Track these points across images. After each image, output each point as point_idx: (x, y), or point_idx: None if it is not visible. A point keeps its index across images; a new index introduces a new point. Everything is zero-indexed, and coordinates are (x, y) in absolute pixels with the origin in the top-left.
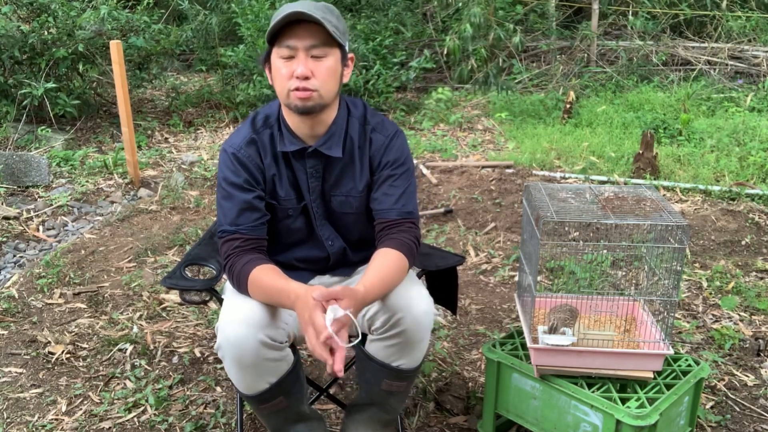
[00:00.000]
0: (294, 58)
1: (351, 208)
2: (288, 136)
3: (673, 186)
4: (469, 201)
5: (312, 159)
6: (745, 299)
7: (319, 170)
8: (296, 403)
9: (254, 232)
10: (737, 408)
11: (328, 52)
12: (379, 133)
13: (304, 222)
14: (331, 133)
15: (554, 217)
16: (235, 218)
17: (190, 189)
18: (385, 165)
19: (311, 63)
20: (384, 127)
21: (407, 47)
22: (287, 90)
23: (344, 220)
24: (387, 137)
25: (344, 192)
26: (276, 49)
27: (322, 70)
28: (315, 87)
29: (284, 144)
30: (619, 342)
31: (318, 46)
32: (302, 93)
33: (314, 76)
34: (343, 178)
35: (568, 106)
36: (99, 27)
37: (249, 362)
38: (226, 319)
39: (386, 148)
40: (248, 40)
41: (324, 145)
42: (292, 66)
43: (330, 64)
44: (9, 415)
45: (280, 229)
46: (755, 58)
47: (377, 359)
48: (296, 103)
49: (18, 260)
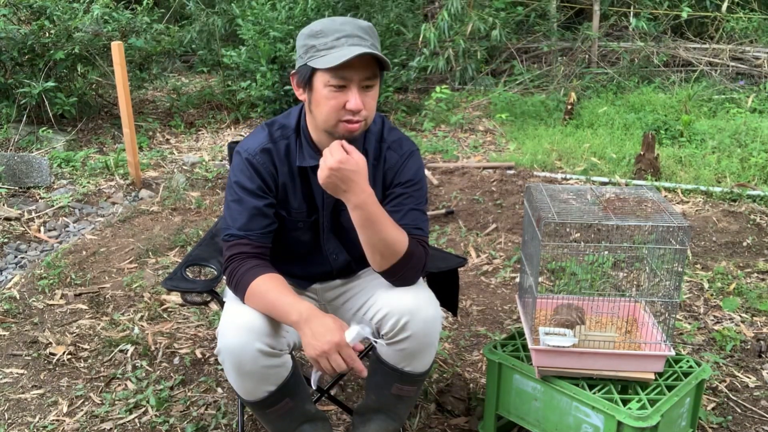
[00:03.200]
0: (345, 89)
1: None
2: (308, 150)
3: (675, 187)
4: (470, 202)
5: None
6: (747, 300)
7: None
8: (302, 403)
9: (262, 239)
10: (738, 409)
11: (376, 83)
12: (394, 152)
13: (311, 236)
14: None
15: (555, 218)
16: (245, 223)
17: (191, 190)
18: (397, 184)
19: (362, 95)
20: (400, 146)
21: (408, 48)
22: (336, 120)
23: (352, 234)
24: (402, 156)
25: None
26: (325, 76)
27: (370, 101)
28: (364, 117)
29: (303, 158)
30: (621, 343)
31: (371, 78)
32: (353, 126)
33: (364, 107)
34: None
35: (570, 107)
36: (96, 28)
37: (248, 369)
38: (227, 324)
39: (400, 167)
40: (249, 42)
41: None
42: (344, 97)
43: (376, 93)
44: (10, 416)
45: (287, 241)
46: (756, 59)
47: (388, 363)
48: (344, 133)
49: (19, 261)
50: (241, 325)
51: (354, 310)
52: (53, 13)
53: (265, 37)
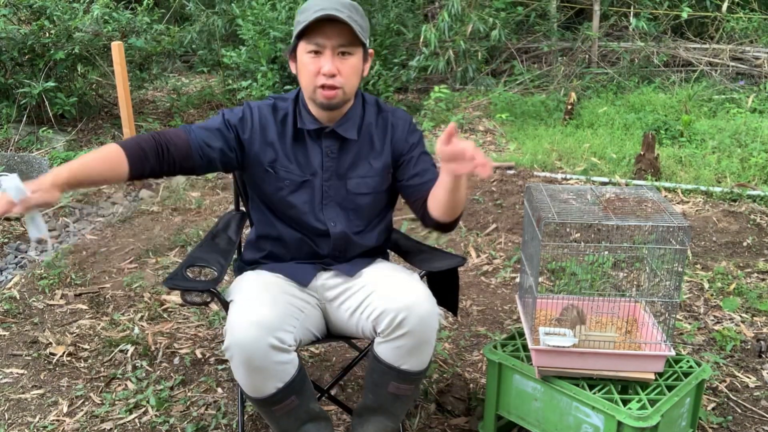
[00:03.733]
0: (321, 55)
1: (368, 188)
2: (307, 116)
3: (675, 187)
4: (470, 202)
5: (328, 139)
6: (747, 300)
7: (335, 151)
8: (307, 401)
9: (189, 145)
10: (739, 410)
11: (353, 51)
12: (399, 119)
13: (305, 199)
14: (348, 118)
15: (555, 218)
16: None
17: (191, 190)
18: (411, 146)
19: (337, 61)
20: (400, 114)
21: (408, 48)
22: (314, 86)
23: (359, 201)
24: (407, 122)
25: (361, 174)
26: (304, 44)
27: (347, 69)
28: (340, 84)
29: (303, 122)
30: (621, 343)
31: (345, 46)
32: (328, 91)
33: (340, 74)
34: (360, 160)
35: (570, 107)
36: (96, 28)
37: (258, 365)
38: (236, 320)
39: (409, 131)
40: (249, 42)
41: (341, 127)
42: (319, 62)
43: (354, 62)
44: (10, 416)
45: (276, 201)
46: (756, 59)
47: (385, 361)
48: (321, 99)
49: (19, 261)
50: (253, 320)
51: (352, 309)
52: (53, 13)
53: (266, 37)
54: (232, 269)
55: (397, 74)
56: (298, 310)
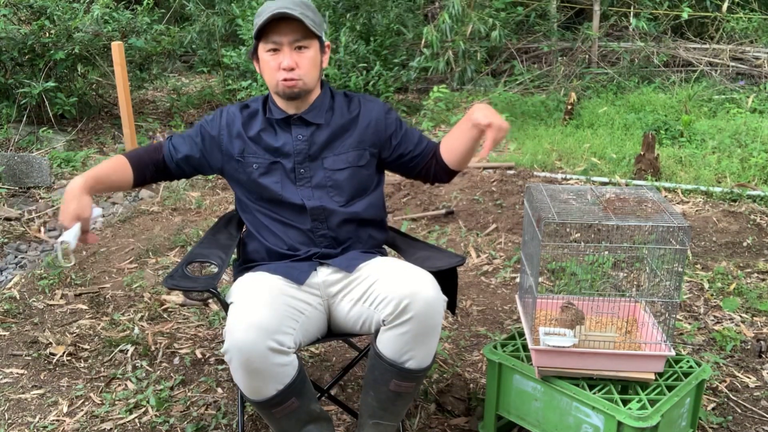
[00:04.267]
0: (279, 52)
1: (344, 163)
2: (276, 109)
3: (675, 187)
4: (470, 202)
5: (297, 126)
6: (747, 301)
7: (305, 136)
8: (308, 402)
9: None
10: (739, 410)
11: (309, 44)
12: (370, 102)
13: (276, 179)
14: (314, 106)
15: (555, 218)
16: (176, 137)
17: (191, 190)
18: (393, 124)
19: (295, 55)
20: (370, 98)
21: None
22: (276, 80)
23: (337, 177)
24: (380, 104)
25: (336, 152)
26: (262, 44)
27: (304, 61)
28: (300, 76)
29: (272, 113)
30: (621, 343)
31: (300, 40)
32: (289, 82)
33: (298, 66)
34: (334, 141)
35: (570, 107)
36: (96, 28)
37: (257, 368)
38: (235, 323)
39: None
40: (249, 42)
41: (308, 114)
42: (279, 59)
43: (311, 54)
44: (10, 416)
45: (251, 188)
46: (756, 59)
47: (387, 358)
48: (283, 89)
49: (19, 261)
50: (251, 322)
51: (355, 299)
52: (53, 13)
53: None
54: (231, 269)
55: (397, 74)
56: (298, 311)
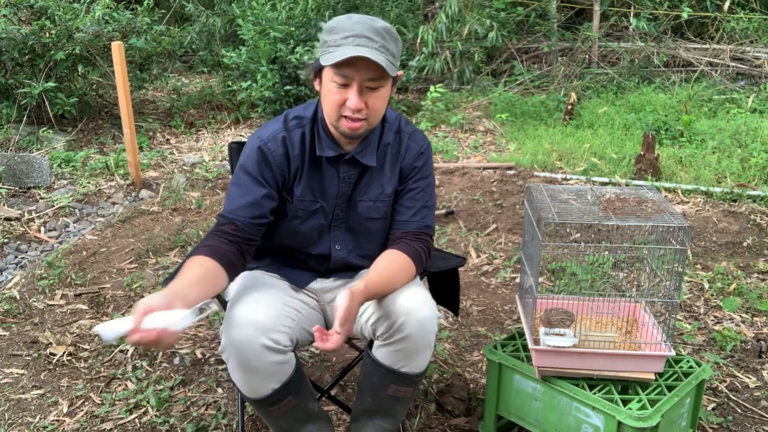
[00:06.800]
0: (347, 87)
1: (378, 213)
2: (326, 140)
3: (675, 187)
4: (470, 202)
5: (346, 165)
6: (747, 301)
7: (353, 176)
8: (305, 401)
9: (248, 228)
10: (739, 410)
11: (383, 84)
12: (414, 143)
13: (315, 225)
14: (368, 142)
15: (555, 218)
16: (238, 208)
17: (191, 190)
18: (413, 171)
19: (365, 94)
20: (417, 137)
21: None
22: (338, 115)
23: (368, 225)
24: (420, 147)
25: (372, 197)
26: (331, 72)
27: (375, 101)
28: (366, 116)
29: (322, 148)
30: (621, 343)
31: (374, 80)
32: (353, 123)
33: (367, 107)
34: (372, 183)
35: (570, 107)
36: (97, 28)
37: (253, 366)
38: (231, 321)
39: (418, 156)
40: (249, 42)
41: (360, 153)
42: (346, 94)
43: (383, 93)
44: (10, 416)
45: (286, 229)
46: (757, 59)
47: (384, 365)
48: (345, 130)
49: (19, 261)
50: (247, 321)
51: None
52: (54, 13)
53: (266, 37)
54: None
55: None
56: (295, 310)
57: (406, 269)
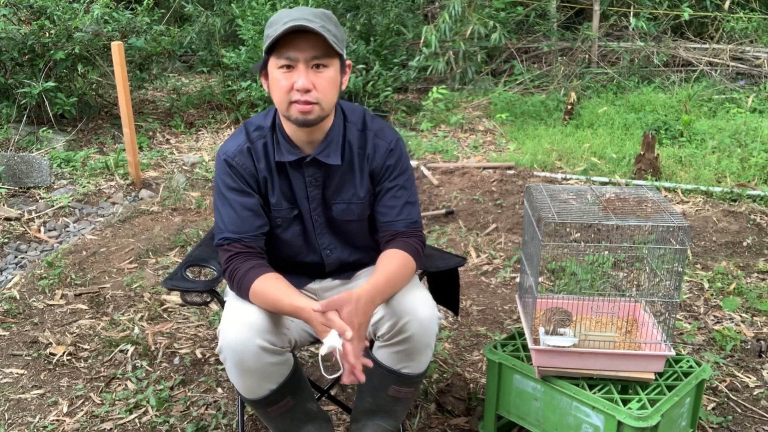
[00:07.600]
0: (293, 69)
1: (353, 215)
2: (285, 145)
3: (675, 187)
4: (470, 202)
5: (311, 168)
6: (747, 300)
7: (319, 178)
8: (304, 401)
9: (256, 240)
10: (739, 409)
11: (329, 63)
12: (381, 140)
13: (298, 232)
14: (329, 141)
15: (555, 218)
16: (238, 225)
17: (191, 190)
18: (386, 170)
19: (312, 75)
20: (385, 133)
21: (408, 48)
22: (287, 102)
23: (346, 227)
24: (390, 143)
25: (345, 199)
26: (274, 59)
27: (323, 82)
28: (316, 99)
29: (281, 153)
30: (621, 343)
31: (319, 58)
32: (303, 106)
33: (315, 88)
34: (344, 185)
35: (570, 107)
36: (96, 28)
37: (250, 366)
38: (228, 322)
39: (389, 153)
40: (249, 42)
41: (322, 153)
42: (292, 77)
43: (330, 74)
44: (10, 416)
45: (272, 240)
46: (756, 59)
47: (385, 365)
48: (297, 116)
49: (19, 261)
50: (243, 322)
51: None
52: (53, 13)
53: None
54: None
55: (397, 74)
56: None
57: (407, 267)
